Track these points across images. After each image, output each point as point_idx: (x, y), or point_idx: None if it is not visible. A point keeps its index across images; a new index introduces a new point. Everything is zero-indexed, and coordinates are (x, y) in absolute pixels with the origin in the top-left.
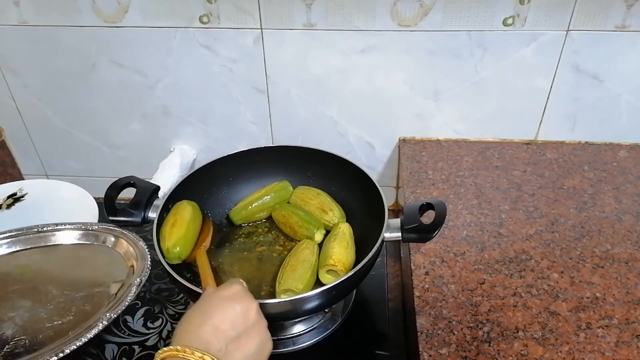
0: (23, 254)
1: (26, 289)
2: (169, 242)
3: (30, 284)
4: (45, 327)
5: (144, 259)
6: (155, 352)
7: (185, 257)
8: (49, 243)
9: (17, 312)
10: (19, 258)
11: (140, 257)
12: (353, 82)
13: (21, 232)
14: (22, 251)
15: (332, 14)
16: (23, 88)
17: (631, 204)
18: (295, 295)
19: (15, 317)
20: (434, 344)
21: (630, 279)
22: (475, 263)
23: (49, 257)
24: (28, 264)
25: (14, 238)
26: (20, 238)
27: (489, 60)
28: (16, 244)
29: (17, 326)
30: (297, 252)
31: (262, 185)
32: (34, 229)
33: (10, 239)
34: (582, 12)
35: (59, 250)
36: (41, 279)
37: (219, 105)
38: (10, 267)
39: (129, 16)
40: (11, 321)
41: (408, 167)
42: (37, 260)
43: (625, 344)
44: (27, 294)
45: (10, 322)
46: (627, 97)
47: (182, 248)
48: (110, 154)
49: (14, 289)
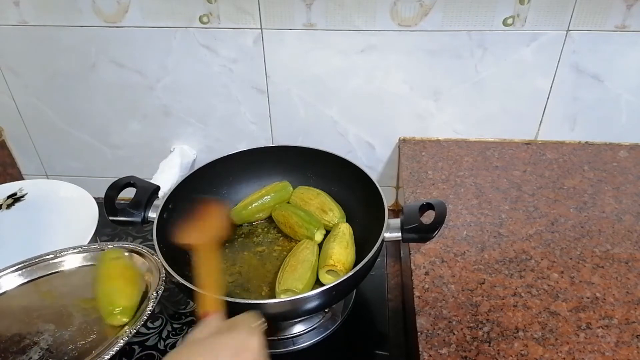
0: (44, 281)
1: (49, 313)
2: (120, 301)
3: (53, 309)
4: (69, 348)
5: (159, 272)
6: (155, 352)
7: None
8: (67, 267)
9: (42, 337)
10: (40, 285)
11: (155, 270)
12: (353, 82)
13: (40, 259)
14: (43, 277)
15: (332, 14)
16: (23, 88)
17: (631, 204)
18: (295, 295)
19: (41, 342)
20: (434, 344)
21: (630, 279)
22: (475, 263)
23: (69, 280)
24: (50, 290)
25: (34, 266)
26: (40, 265)
27: (489, 60)
28: (36, 271)
29: (42, 350)
30: (297, 252)
31: (262, 185)
32: (51, 255)
33: (30, 267)
34: (582, 12)
35: (78, 273)
36: (63, 303)
37: (219, 105)
38: (33, 295)
39: (129, 16)
40: (37, 346)
41: (408, 167)
42: (58, 285)
43: (625, 344)
44: (51, 318)
45: (37, 347)
46: (627, 97)
47: (130, 309)
48: (110, 154)
49: (38, 314)
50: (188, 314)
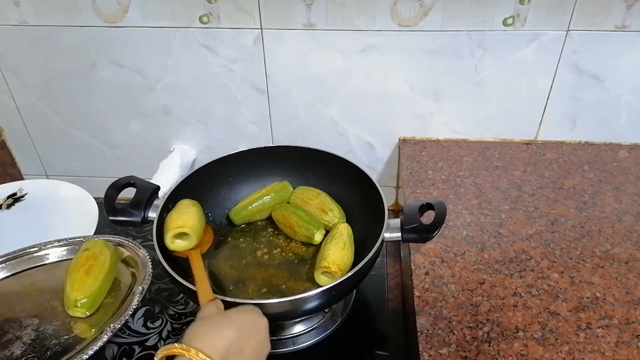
0: (27, 274)
1: (32, 307)
2: (77, 294)
3: (37, 302)
4: (52, 343)
5: (145, 267)
6: (155, 352)
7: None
8: (51, 260)
9: (25, 331)
10: (23, 278)
11: (142, 265)
12: (353, 82)
13: (24, 251)
14: (27, 271)
15: (332, 14)
16: (23, 88)
17: (631, 204)
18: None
19: (24, 336)
20: (434, 344)
21: (630, 279)
22: (475, 263)
23: (53, 273)
24: (34, 283)
25: (18, 259)
26: (24, 258)
27: (489, 60)
28: (20, 264)
29: (25, 345)
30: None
31: (262, 185)
32: (36, 248)
33: (14, 260)
34: (582, 12)
35: (62, 266)
36: (47, 296)
37: (219, 106)
38: (17, 288)
39: (129, 16)
40: (20, 340)
41: (408, 167)
42: (42, 278)
43: (625, 344)
44: (34, 312)
45: (19, 342)
46: (627, 97)
47: (90, 302)
48: (110, 154)
49: (21, 308)
50: (188, 314)
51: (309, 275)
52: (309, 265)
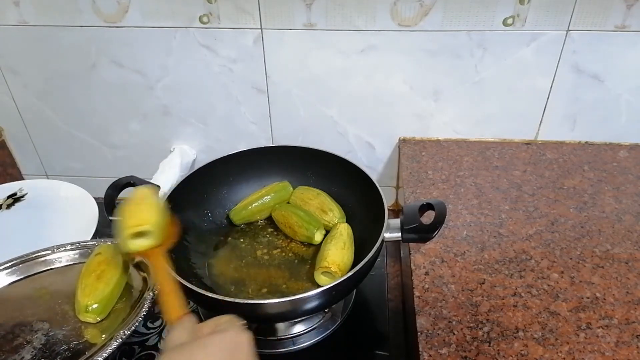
0: (38, 277)
1: (43, 311)
2: (88, 299)
3: (47, 306)
4: (62, 349)
5: None
6: (155, 352)
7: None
8: (63, 263)
9: (35, 335)
10: (35, 281)
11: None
12: (353, 82)
13: (35, 254)
14: (38, 274)
15: (332, 13)
16: (23, 88)
17: (631, 204)
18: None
19: (34, 340)
20: (434, 344)
21: (630, 279)
22: (475, 263)
23: (65, 277)
24: (45, 286)
25: (30, 262)
26: (37, 261)
27: (489, 60)
28: (32, 267)
29: (35, 350)
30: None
31: (262, 185)
32: (48, 251)
33: (26, 263)
34: (582, 12)
35: (74, 270)
36: (58, 300)
37: (219, 105)
38: (28, 291)
39: (129, 16)
40: (30, 345)
41: (408, 167)
42: (54, 282)
43: (625, 344)
44: (45, 316)
45: (30, 346)
46: (627, 97)
47: (101, 308)
48: (110, 154)
49: (32, 312)
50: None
51: (309, 275)
52: (309, 265)
